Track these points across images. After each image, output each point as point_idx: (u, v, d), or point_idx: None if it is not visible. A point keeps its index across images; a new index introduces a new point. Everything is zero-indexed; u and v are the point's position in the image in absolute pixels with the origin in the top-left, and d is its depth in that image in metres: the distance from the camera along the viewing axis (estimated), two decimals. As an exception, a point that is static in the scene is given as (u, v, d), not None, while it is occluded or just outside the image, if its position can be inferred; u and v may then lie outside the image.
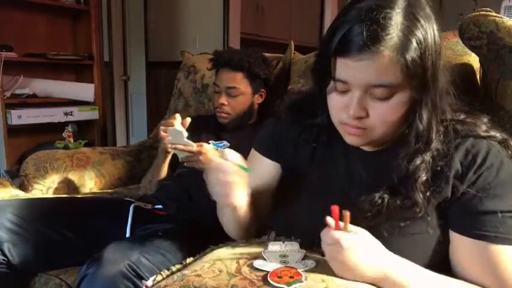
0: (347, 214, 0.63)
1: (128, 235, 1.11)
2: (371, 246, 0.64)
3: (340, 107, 0.69)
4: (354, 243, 0.62)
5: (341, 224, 0.64)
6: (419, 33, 0.62)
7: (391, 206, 0.67)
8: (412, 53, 0.62)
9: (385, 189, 0.69)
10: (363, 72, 0.63)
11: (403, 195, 0.68)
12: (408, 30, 0.62)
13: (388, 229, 0.67)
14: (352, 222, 0.64)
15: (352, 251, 0.61)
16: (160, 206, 1.23)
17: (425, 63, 0.63)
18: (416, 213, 0.67)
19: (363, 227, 0.66)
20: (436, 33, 0.65)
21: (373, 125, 0.68)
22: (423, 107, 0.66)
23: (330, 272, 0.64)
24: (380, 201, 0.68)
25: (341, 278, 0.63)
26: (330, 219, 0.64)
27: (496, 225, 0.64)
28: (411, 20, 0.63)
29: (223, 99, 1.38)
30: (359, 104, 0.66)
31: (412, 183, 0.67)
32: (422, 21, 0.63)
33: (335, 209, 0.63)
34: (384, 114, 0.66)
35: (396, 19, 0.62)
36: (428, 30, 0.64)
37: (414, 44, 0.62)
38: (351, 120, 0.68)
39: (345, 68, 0.64)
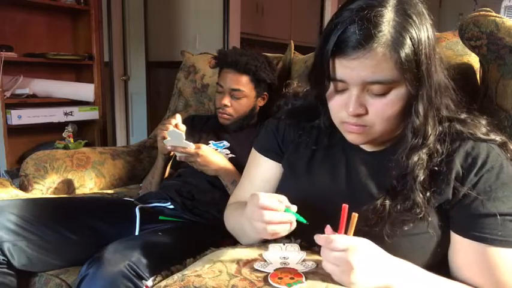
0: (355, 216, 0.62)
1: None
2: (373, 252, 0.63)
3: (339, 106, 0.70)
4: (353, 245, 0.61)
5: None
6: (411, 29, 0.63)
7: (393, 211, 0.68)
8: (405, 49, 0.63)
9: (385, 195, 0.70)
10: (358, 70, 0.64)
11: (403, 197, 0.68)
12: (400, 26, 0.63)
13: (389, 234, 0.68)
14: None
15: (350, 253, 0.60)
16: (161, 205, 1.23)
17: (419, 58, 0.64)
18: (417, 214, 0.67)
19: (366, 232, 0.66)
20: (430, 28, 0.66)
21: (373, 122, 0.69)
22: (419, 102, 0.67)
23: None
24: (382, 208, 0.68)
25: (340, 283, 0.62)
26: (328, 226, 0.66)
27: (496, 228, 0.64)
28: (403, 16, 0.64)
29: (227, 100, 1.36)
30: (357, 101, 0.67)
31: (411, 184, 0.67)
32: (414, 18, 0.64)
33: (345, 207, 0.63)
34: (382, 110, 0.67)
35: (388, 16, 0.63)
36: (421, 26, 0.65)
37: (407, 39, 0.63)
38: (351, 118, 0.69)
39: (342, 67, 0.66)
